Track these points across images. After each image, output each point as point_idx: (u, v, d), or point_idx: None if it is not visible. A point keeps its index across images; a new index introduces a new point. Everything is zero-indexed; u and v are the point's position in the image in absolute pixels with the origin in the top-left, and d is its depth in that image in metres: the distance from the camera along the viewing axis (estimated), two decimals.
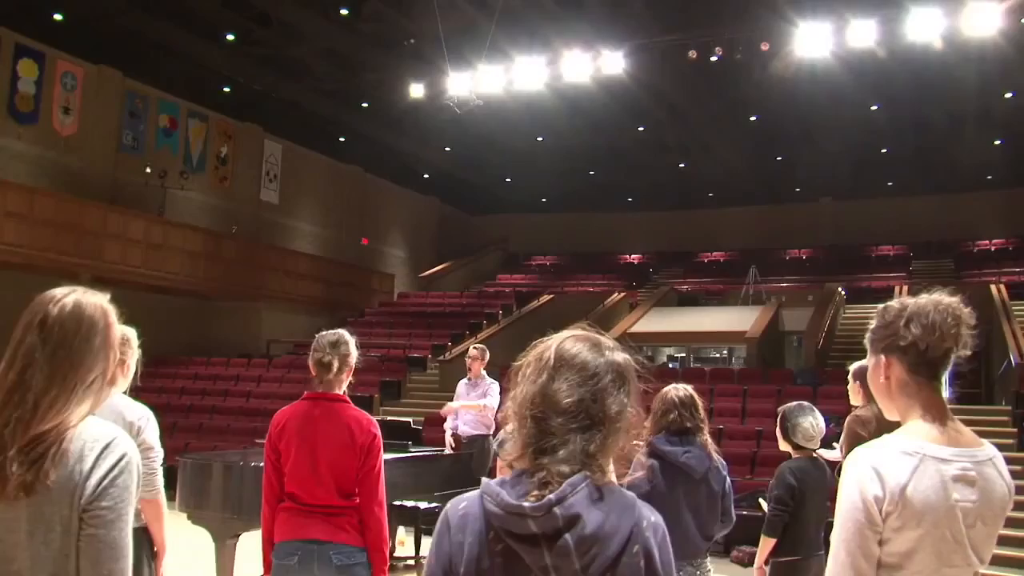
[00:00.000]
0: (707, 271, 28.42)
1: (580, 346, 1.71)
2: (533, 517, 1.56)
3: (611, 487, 1.65)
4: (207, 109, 20.82)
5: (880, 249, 27.21)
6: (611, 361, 1.71)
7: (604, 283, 27.72)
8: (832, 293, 20.98)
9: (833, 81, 17.55)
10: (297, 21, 17.59)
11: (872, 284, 24.16)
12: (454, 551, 1.65)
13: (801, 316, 19.22)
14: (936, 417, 2.00)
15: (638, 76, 17.44)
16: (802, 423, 4.67)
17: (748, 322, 18.42)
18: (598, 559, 1.57)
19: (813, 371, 15.22)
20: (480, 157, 26.10)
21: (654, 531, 1.65)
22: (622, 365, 1.72)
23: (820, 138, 22.34)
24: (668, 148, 24.55)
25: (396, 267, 27.69)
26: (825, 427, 4.80)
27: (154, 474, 3.79)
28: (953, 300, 2.05)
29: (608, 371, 1.69)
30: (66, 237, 16.05)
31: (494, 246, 31.81)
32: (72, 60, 17.71)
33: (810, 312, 19.06)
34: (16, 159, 16.74)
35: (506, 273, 30.62)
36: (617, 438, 1.67)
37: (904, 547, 1.92)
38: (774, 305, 19.93)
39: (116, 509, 1.99)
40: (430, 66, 16.84)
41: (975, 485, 1.95)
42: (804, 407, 4.74)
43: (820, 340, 17.87)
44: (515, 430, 1.68)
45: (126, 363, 3.88)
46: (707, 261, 29.17)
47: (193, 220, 19.81)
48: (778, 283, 24.35)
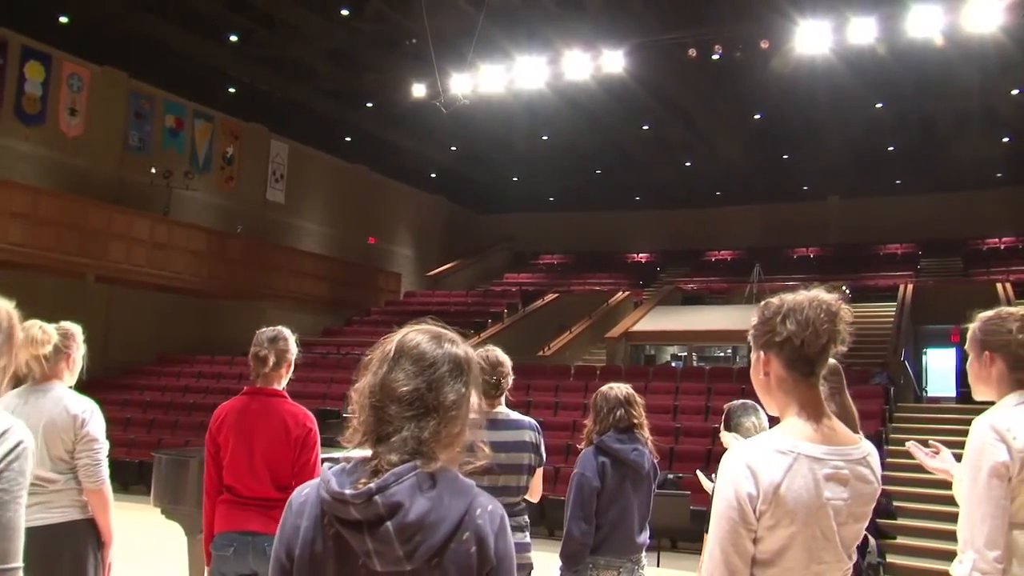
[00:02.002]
0: (714, 270, 28.36)
1: (421, 338, 1.76)
2: (354, 504, 1.60)
3: (448, 475, 1.69)
4: (213, 109, 20.97)
5: (888, 248, 27.06)
6: (450, 352, 1.75)
7: (611, 282, 27.71)
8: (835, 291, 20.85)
9: (835, 79, 17.51)
10: (299, 22, 17.70)
11: (879, 283, 24.05)
12: (293, 534, 1.70)
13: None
14: (811, 415, 2.03)
15: (638, 75, 17.46)
16: (744, 422, 4.69)
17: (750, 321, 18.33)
18: (423, 546, 1.61)
19: None
20: (486, 156, 26.15)
21: (489, 519, 1.69)
22: (461, 357, 1.77)
23: (825, 136, 22.28)
24: (673, 147, 24.51)
25: (403, 266, 27.77)
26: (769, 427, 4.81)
27: (98, 465, 3.84)
28: (830, 297, 2.09)
29: (445, 361, 1.73)
30: (71, 237, 16.22)
31: (501, 245, 31.84)
32: (78, 62, 17.89)
33: None
34: (23, 160, 16.92)
35: (513, 272, 30.64)
36: (453, 426, 1.71)
37: (777, 545, 1.93)
38: None
39: (11, 492, 2.07)
40: (431, 66, 16.90)
41: (847, 484, 1.98)
42: (748, 406, 4.76)
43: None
44: (356, 419, 1.73)
45: (71, 357, 3.97)
46: (714, 260, 29.09)
47: (199, 220, 19.96)
48: (784, 282, 24.25)
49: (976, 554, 2.35)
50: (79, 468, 3.82)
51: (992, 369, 2.62)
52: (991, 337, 2.63)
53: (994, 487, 2.38)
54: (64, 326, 4.00)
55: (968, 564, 2.37)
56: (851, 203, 27.39)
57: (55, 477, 3.80)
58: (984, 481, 2.39)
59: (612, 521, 4.18)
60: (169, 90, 19.78)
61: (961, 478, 2.59)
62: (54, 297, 16.19)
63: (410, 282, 27.55)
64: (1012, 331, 2.59)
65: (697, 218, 28.85)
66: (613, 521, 4.18)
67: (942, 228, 25.75)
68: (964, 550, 2.39)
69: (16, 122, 16.91)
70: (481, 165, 27.32)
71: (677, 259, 29.53)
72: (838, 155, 23.87)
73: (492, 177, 28.83)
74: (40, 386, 3.89)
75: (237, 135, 21.75)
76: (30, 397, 3.86)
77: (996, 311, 2.69)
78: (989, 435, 2.43)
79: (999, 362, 2.60)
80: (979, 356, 2.66)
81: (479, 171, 28.06)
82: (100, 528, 3.91)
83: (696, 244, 29.16)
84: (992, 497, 2.38)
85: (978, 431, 2.47)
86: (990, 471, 2.39)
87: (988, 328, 2.65)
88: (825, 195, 27.59)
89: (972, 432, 2.50)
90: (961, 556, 2.40)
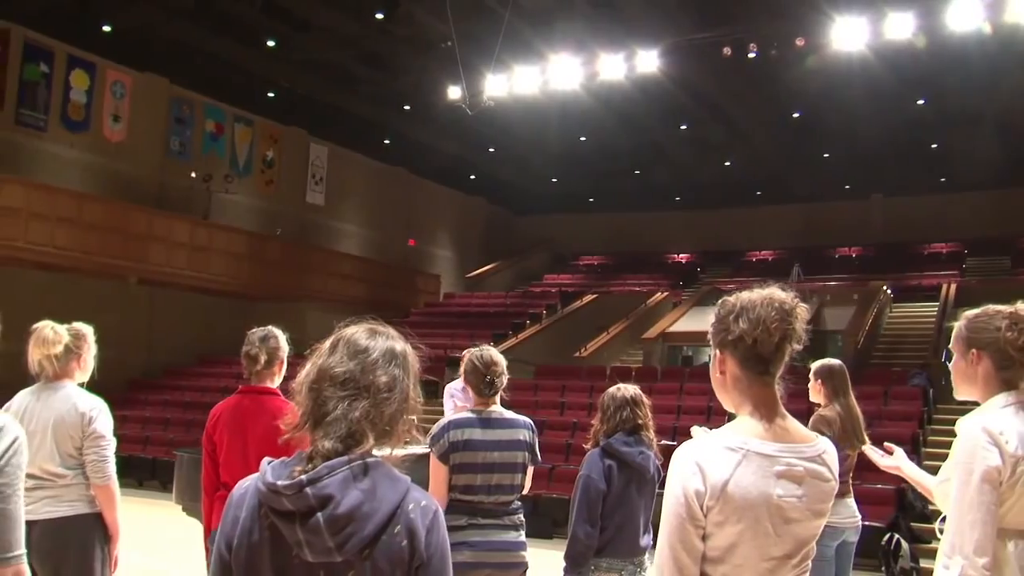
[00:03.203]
0: (755, 270, 28.08)
1: (359, 330, 1.85)
2: (286, 495, 1.65)
3: (382, 469, 1.73)
4: (252, 114, 21.27)
5: (932, 247, 26.62)
6: (384, 343, 1.83)
7: (651, 283, 27.59)
8: (876, 291, 20.62)
9: (873, 76, 17.29)
10: (334, 26, 17.87)
11: (923, 282, 23.66)
12: (231, 526, 1.75)
13: (845, 315, 18.94)
14: (765, 413, 2.01)
15: (673, 75, 17.39)
16: None
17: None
18: (353, 538, 1.65)
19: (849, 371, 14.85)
20: (524, 158, 26.18)
21: (422, 513, 1.73)
22: (396, 348, 1.84)
23: (866, 134, 21.97)
24: (712, 146, 24.35)
25: (443, 268, 27.90)
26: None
27: (105, 462, 3.98)
28: (785, 295, 2.08)
29: (379, 349, 1.81)
30: (113, 240, 16.56)
31: (541, 246, 31.81)
32: (121, 69, 18.26)
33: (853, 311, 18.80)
34: (68, 166, 17.32)
35: (553, 273, 30.63)
36: (385, 408, 1.76)
37: (726, 541, 1.93)
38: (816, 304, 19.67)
39: (12, 485, 2.21)
40: (466, 68, 16.97)
41: (802, 481, 1.97)
42: None
43: (860, 339, 17.58)
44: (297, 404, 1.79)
45: (82, 357, 4.08)
46: (755, 260, 28.84)
47: (240, 223, 20.25)
48: (825, 281, 23.99)
49: (965, 560, 2.31)
50: (87, 464, 3.95)
51: (978, 367, 2.56)
52: (978, 335, 2.58)
53: (985, 492, 2.34)
54: (76, 327, 4.12)
55: (956, 570, 2.33)
56: (894, 201, 26.97)
57: (64, 472, 3.94)
58: (976, 486, 2.35)
59: (617, 524, 4.19)
60: (209, 95, 20.11)
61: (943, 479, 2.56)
62: (98, 299, 16.54)
63: (449, 284, 27.67)
64: (1000, 329, 2.53)
65: (737, 218, 28.61)
66: (618, 524, 4.19)
67: (989, 226, 25.23)
68: (952, 555, 2.35)
69: (62, 129, 17.32)
70: (520, 167, 27.35)
71: (717, 259, 29.33)
72: (880, 153, 23.54)
73: (531, 178, 28.86)
74: (52, 384, 4.02)
75: (277, 138, 22.03)
76: (42, 394, 4.00)
77: (983, 308, 2.63)
78: (981, 438, 2.38)
79: (986, 360, 2.55)
80: (964, 354, 2.61)
81: (518, 172, 28.10)
82: (107, 522, 4.03)
83: (736, 244, 28.93)
84: (983, 502, 2.33)
85: (969, 433, 2.42)
86: (982, 475, 2.35)
87: (975, 326, 2.60)
88: (867, 193, 27.21)
89: (962, 433, 2.46)
90: (947, 561, 2.35)
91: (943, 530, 2.44)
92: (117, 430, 4.03)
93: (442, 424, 3.99)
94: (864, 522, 5.01)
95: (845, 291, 21.81)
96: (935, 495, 2.66)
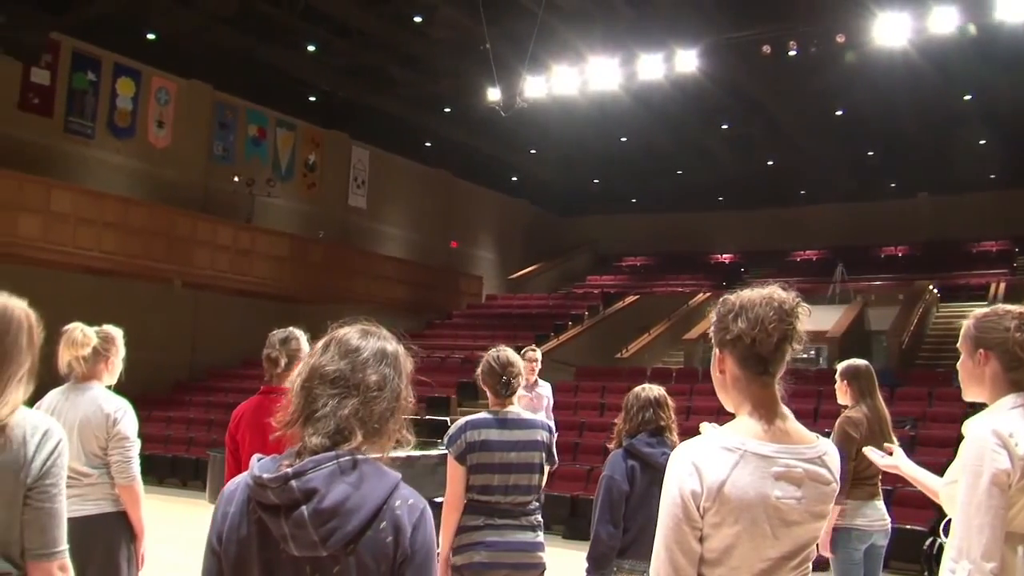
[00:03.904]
0: (799, 270, 27.77)
1: (351, 331, 1.87)
2: (272, 488, 1.67)
3: (371, 465, 1.74)
4: (295, 118, 21.51)
5: (981, 245, 26.11)
6: (376, 343, 1.85)
7: (694, 283, 27.41)
8: (921, 291, 20.30)
9: (917, 72, 17.00)
10: (373, 30, 18.02)
11: (970, 281, 23.23)
12: (221, 520, 1.77)
13: (890, 315, 18.68)
14: (764, 414, 2.00)
15: (713, 74, 17.28)
16: None
17: (831, 321, 18.03)
18: (338, 532, 1.66)
19: (892, 372, 14.68)
20: (566, 159, 26.17)
21: (409, 510, 1.74)
22: (387, 348, 1.86)
23: (911, 131, 21.66)
24: (755, 146, 24.16)
25: (485, 269, 27.96)
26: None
27: (129, 462, 4.06)
28: (785, 295, 2.05)
29: (369, 348, 1.83)
30: (158, 244, 16.85)
31: (584, 247, 31.74)
32: (165, 76, 18.59)
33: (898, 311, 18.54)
34: (114, 172, 17.66)
35: (595, 274, 30.55)
36: (375, 406, 1.78)
37: (723, 543, 1.92)
38: (859, 304, 19.43)
39: (58, 485, 2.30)
40: (505, 69, 17.02)
41: (801, 483, 1.94)
42: None
43: (905, 340, 17.32)
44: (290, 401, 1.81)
45: (110, 360, 4.17)
46: (799, 260, 28.51)
47: (282, 226, 20.47)
48: (871, 281, 23.65)
49: (972, 564, 2.26)
50: (111, 465, 4.04)
51: (985, 368, 2.51)
52: (986, 335, 2.52)
53: (994, 496, 2.28)
54: (105, 329, 4.21)
55: (962, 575, 2.27)
56: (941, 199, 26.46)
57: (89, 471, 4.02)
58: (984, 489, 2.29)
59: (640, 525, 4.16)
60: (252, 100, 20.39)
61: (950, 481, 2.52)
62: (145, 302, 16.86)
63: (492, 285, 27.71)
64: (1009, 329, 2.48)
65: (781, 217, 28.29)
66: (641, 525, 4.16)
67: None
68: (958, 560, 2.29)
69: (109, 136, 17.69)
70: (561, 168, 27.34)
71: (761, 259, 29.02)
72: (926, 150, 23.16)
73: (573, 179, 28.83)
74: (80, 385, 4.11)
75: (319, 142, 22.25)
76: (70, 395, 4.09)
77: (992, 308, 2.59)
78: (990, 440, 2.33)
79: (993, 361, 2.50)
80: (972, 354, 2.55)
81: (560, 174, 28.09)
82: (132, 521, 4.11)
83: (780, 244, 28.60)
84: (992, 506, 2.28)
85: (978, 435, 2.37)
86: (991, 479, 2.29)
87: (984, 325, 2.55)
88: (914, 191, 26.74)
89: (970, 436, 2.40)
90: (954, 566, 2.30)
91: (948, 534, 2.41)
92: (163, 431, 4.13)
93: (459, 425, 4.01)
94: (906, 526, 4.94)
95: (890, 291, 21.51)
96: (941, 497, 2.61)
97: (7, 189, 14.72)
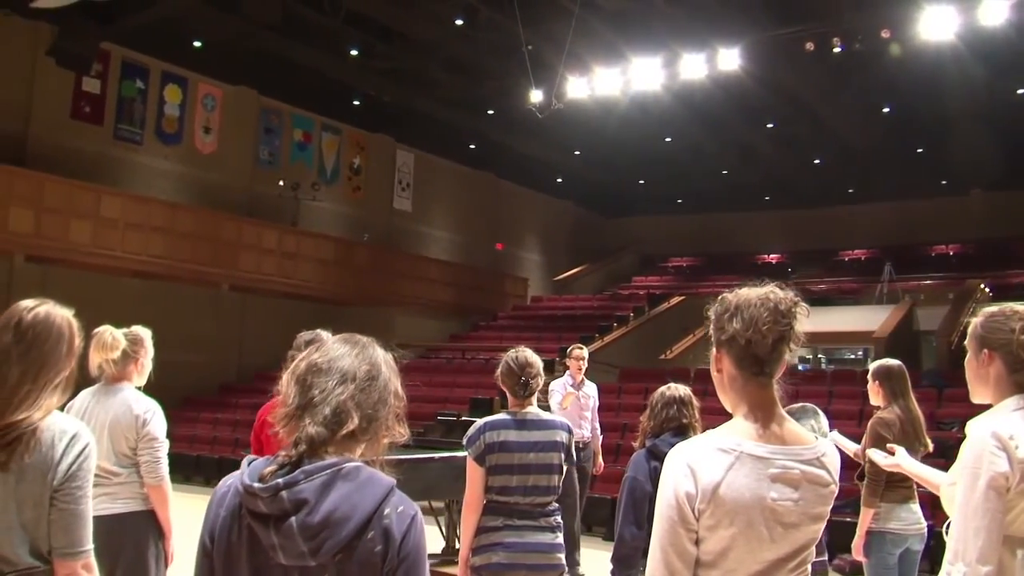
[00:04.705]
0: (847, 269, 27.42)
1: (339, 337, 1.94)
2: (262, 498, 1.68)
3: (363, 472, 1.74)
4: (339, 122, 21.72)
5: None
6: (364, 343, 1.91)
7: (740, 284, 27.04)
8: (972, 290, 19.90)
9: (966, 66, 16.64)
10: (416, 33, 18.11)
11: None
12: (213, 522, 1.79)
13: (939, 315, 18.35)
14: (761, 415, 1.98)
15: (755, 73, 17.09)
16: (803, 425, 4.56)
17: (878, 321, 17.76)
18: (328, 542, 1.66)
19: (940, 372, 14.42)
20: (610, 160, 26.07)
21: (398, 518, 1.73)
22: (376, 349, 1.91)
23: (962, 127, 21.18)
24: (801, 144, 23.86)
25: (531, 271, 27.97)
26: (829, 430, 4.68)
27: (158, 462, 4.15)
28: (783, 295, 2.04)
29: (359, 345, 1.89)
30: (205, 248, 17.12)
31: (630, 248, 31.61)
32: (212, 82, 18.89)
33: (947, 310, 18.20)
34: (162, 177, 17.98)
35: (641, 275, 30.43)
36: (370, 394, 1.81)
37: (718, 546, 1.90)
38: (907, 303, 19.11)
39: (83, 488, 2.40)
40: (548, 70, 17.01)
41: (798, 485, 1.93)
42: (807, 409, 4.62)
43: (955, 340, 16.99)
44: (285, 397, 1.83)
45: (139, 361, 4.26)
46: (847, 259, 28.12)
47: (327, 229, 20.68)
48: (920, 280, 23.24)
49: (967, 568, 2.23)
50: (140, 465, 4.13)
51: (990, 368, 2.47)
52: (992, 335, 2.48)
53: (991, 499, 2.25)
54: (134, 331, 4.30)
55: None
56: (996, 196, 25.85)
57: (119, 471, 4.12)
58: (982, 492, 2.26)
59: None
60: (297, 105, 20.62)
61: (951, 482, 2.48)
62: (194, 306, 17.15)
63: (537, 287, 27.71)
64: (1015, 330, 2.44)
65: (829, 217, 27.90)
66: None
67: None
68: (954, 562, 2.27)
69: (157, 142, 18.01)
70: (606, 169, 27.24)
71: (809, 259, 28.67)
72: (979, 146, 22.61)
73: (618, 180, 28.71)
74: (110, 387, 4.21)
75: (363, 146, 22.44)
76: (100, 396, 4.20)
77: (1000, 307, 2.55)
78: (990, 442, 2.29)
79: (997, 362, 2.46)
80: (977, 354, 2.52)
81: (604, 175, 27.98)
82: (160, 520, 4.20)
83: (828, 243, 28.22)
84: (989, 509, 2.25)
85: (978, 437, 2.34)
86: (989, 482, 2.26)
87: (990, 325, 2.51)
88: (967, 188, 26.19)
89: (971, 437, 2.37)
90: (949, 568, 2.28)
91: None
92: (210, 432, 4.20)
93: (478, 426, 4.02)
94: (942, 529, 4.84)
95: (940, 290, 21.14)
96: (942, 498, 2.57)
97: (59, 196, 15.09)
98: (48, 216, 14.88)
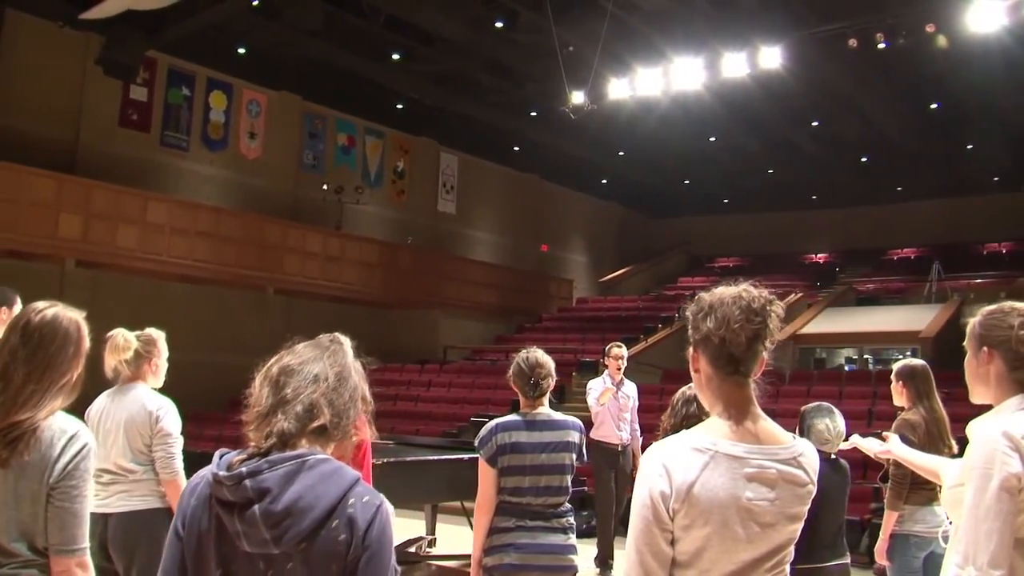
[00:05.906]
0: (895, 269, 26.94)
1: (309, 343, 1.99)
2: (227, 485, 1.72)
3: (328, 464, 1.77)
4: (383, 126, 21.88)
5: None
6: (333, 348, 1.96)
7: (787, 284, 26.78)
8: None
9: (1015, 60, 16.30)
10: (456, 37, 18.17)
11: None
12: (184, 512, 1.83)
13: None
14: (735, 414, 1.97)
15: (798, 71, 16.87)
16: (817, 424, 4.50)
17: (925, 321, 17.41)
18: (290, 531, 1.69)
19: None
20: (654, 160, 25.92)
21: (363, 508, 1.76)
22: (345, 353, 1.97)
23: (1014, 122, 20.75)
24: (848, 143, 23.52)
25: (576, 272, 27.91)
26: (845, 429, 4.62)
27: (172, 458, 4.24)
28: (756, 293, 2.04)
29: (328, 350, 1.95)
30: (250, 252, 17.33)
31: (676, 249, 31.38)
32: (256, 88, 19.16)
33: None
34: (207, 182, 18.28)
35: (688, 276, 30.16)
36: (341, 392, 1.87)
37: (693, 546, 1.90)
38: (955, 303, 18.71)
39: (79, 487, 2.43)
40: (589, 72, 16.98)
41: (774, 484, 1.92)
42: (823, 408, 4.57)
43: None
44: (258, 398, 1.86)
45: (153, 361, 4.35)
46: (896, 258, 27.64)
47: (371, 232, 20.83)
48: (971, 279, 22.74)
49: (979, 572, 2.18)
50: (156, 461, 4.22)
51: (990, 367, 2.41)
52: (991, 332, 2.43)
53: (1003, 501, 2.20)
54: (147, 333, 4.39)
55: None
56: None
57: (135, 468, 4.21)
58: (993, 494, 2.21)
59: None
60: (340, 110, 20.83)
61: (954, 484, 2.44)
62: (241, 309, 17.39)
63: (583, 288, 27.64)
64: (1013, 327, 2.38)
65: (877, 215, 27.41)
66: None
67: None
68: (964, 566, 2.21)
69: (203, 148, 18.32)
70: (651, 169, 27.09)
71: (857, 258, 28.23)
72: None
73: (663, 181, 28.53)
74: (125, 386, 4.32)
75: (407, 149, 22.58)
76: (116, 396, 4.31)
77: (999, 305, 2.49)
78: (1001, 443, 2.24)
79: (997, 360, 2.40)
80: (977, 352, 2.46)
81: (650, 175, 27.83)
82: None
83: (876, 242, 27.73)
84: (1001, 511, 2.19)
85: (987, 437, 2.28)
86: (1001, 483, 2.20)
87: (988, 322, 2.45)
88: (1019, 185, 25.62)
89: (979, 437, 2.31)
90: (959, 572, 2.22)
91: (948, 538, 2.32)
92: None
93: (489, 427, 4.02)
94: None
95: (991, 289, 20.63)
96: (944, 501, 2.52)
97: (107, 202, 15.39)
98: (96, 222, 15.19)
